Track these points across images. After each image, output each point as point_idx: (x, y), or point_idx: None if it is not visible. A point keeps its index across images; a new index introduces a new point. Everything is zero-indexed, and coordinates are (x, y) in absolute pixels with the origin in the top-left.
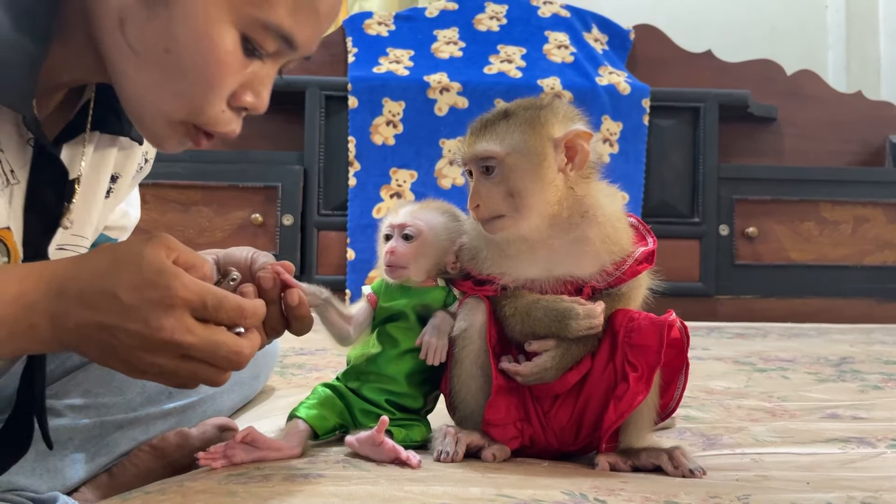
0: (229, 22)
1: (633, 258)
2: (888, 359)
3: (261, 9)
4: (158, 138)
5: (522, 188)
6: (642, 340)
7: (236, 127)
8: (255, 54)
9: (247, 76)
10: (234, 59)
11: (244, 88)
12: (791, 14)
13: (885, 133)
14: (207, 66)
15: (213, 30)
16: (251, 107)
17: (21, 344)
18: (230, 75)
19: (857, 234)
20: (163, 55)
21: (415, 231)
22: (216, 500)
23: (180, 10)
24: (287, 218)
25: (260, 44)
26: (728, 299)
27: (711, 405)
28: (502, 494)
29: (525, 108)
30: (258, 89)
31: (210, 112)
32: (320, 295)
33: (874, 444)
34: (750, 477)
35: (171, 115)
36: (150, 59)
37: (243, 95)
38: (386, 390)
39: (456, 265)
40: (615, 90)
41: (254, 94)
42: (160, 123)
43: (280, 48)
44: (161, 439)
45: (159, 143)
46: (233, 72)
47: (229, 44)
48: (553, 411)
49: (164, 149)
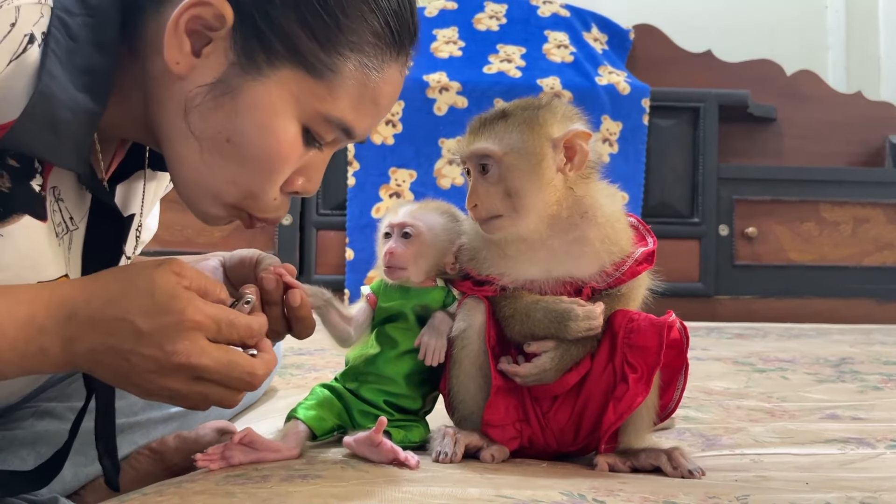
0: (293, 115)
1: (633, 258)
2: (888, 359)
3: (325, 103)
4: (208, 217)
5: (520, 188)
6: (642, 341)
7: (284, 212)
8: (314, 144)
9: (303, 164)
10: (294, 152)
11: (298, 174)
12: (791, 14)
13: (884, 133)
14: (268, 159)
15: (276, 123)
16: (303, 191)
17: (31, 365)
18: (289, 165)
19: (857, 235)
20: (224, 144)
21: (414, 231)
22: (214, 500)
23: (245, 103)
24: (286, 217)
25: (321, 135)
26: (727, 300)
27: (711, 406)
28: (501, 495)
29: (523, 108)
30: (311, 175)
31: (263, 200)
32: (322, 296)
33: (873, 445)
34: (749, 477)
35: (224, 199)
36: (211, 146)
37: (296, 181)
38: (384, 391)
39: (455, 266)
40: (615, 90)
41: (307, 179)
42: (212, 205)
43: (339, 137)
44: (160, 443)
45: (206, 220)
46: (292, 162)
47: (291, 137)
48: (552, 412)
49: (211, 224)
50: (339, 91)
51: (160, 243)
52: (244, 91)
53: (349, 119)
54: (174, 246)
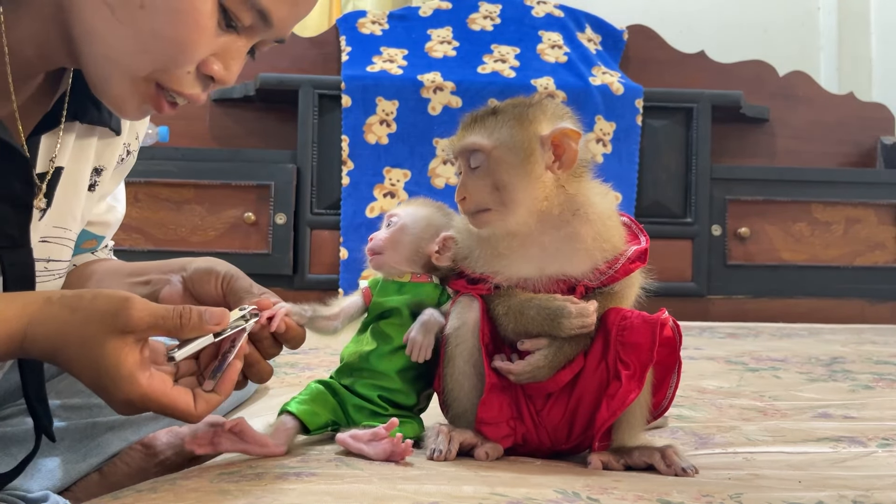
0: None
1: (626, 256)
2: (879, 359)
3: None
4: (120, 100)
5: (508, 182)
6: (634, 338)
7: (200, 93)
8: (231, 25)
9: (219, 46)
10: (209, 25)
11: (214, 58)
12: (783, 15)
13: (876, 134)
14: (181, 26)
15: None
16: (218, 77)
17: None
18: (202, 39)
19: (849, 235)
20: (137, 11)
21: (397, 220)
22: (208, 497)
23: None
24: (280, 217)
25: (237, 15)
26: (720, 299)
27: (703, 404)
28: (495, 493)
29: (514, 106)
30: (228, 61)
31: (176, 71)
32: (305, 314)
33: (865, 444)
34: (742, 476)
35: (136, 70)
36: (124, 14)
37: (213, 64)
38: (379, 386)
39: (440, 257)
40: (608, 90)
41: (223, 65)
42: (123, 82)
43: (255, 23)
44: (152, 438)
45: (120, 105)
46: (205, 37)
47: (207, 8)
48: (546, 410)
49: (125, 114)
50: None
51: (155, 242)
52: None
53: (265, 1)
54: (168, 245)
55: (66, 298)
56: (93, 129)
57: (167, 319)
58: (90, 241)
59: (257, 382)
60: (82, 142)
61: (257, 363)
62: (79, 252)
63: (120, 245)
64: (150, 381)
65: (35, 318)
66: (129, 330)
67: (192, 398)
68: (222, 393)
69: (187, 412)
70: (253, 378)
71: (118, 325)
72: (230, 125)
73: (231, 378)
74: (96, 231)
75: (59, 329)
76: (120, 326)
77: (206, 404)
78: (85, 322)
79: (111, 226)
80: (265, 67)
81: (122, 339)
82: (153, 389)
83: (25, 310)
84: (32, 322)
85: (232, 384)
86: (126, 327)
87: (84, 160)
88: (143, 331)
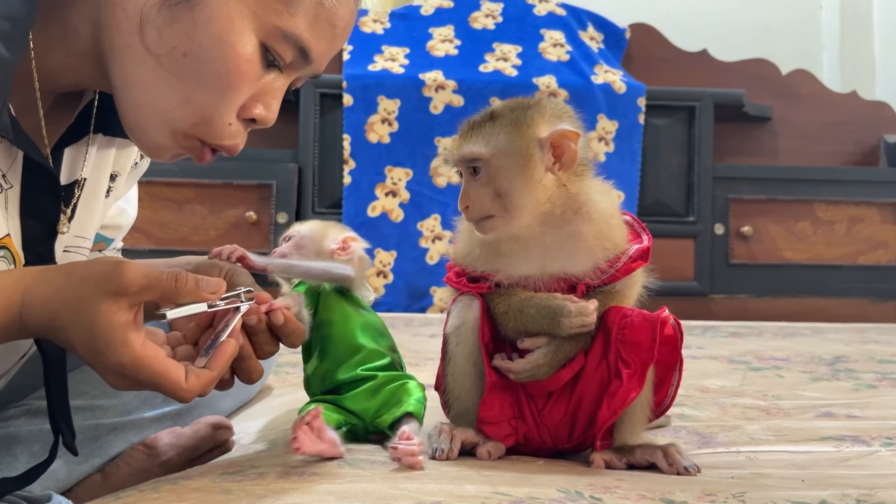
0: (250, 29)
1: (628, 255)
2: (882, 358)
3: (282, 18)
4: (157, 149)
5: (509, 189)
6: (635, 337)
7: (241, 142)
8: (273, 65)
9: (259, 88)
10: (253, 68)
11: (255, 100)
12: (786, 14)
13: (879, 133)
14: (226, 73)
15: (234, 36)
16: (260, 119)
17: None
18: (246, 84)
19: (852, 234)
20: (180, 59)
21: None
22: (211, 497)
23: (204, 15)
24: (281, 216)
25: (279, 53)
26: (723, 298)
27: (706, 404)
28: (498, 492)
29: (512, 109)
30: (269, 101)
31: (219, 122)
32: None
33: (868, 443)
34: (745, 475)
35: (178, 123)
36: (167, 62)
37: (254, 108)
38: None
39: (343, 253)
40: (611, 89)
41: (264, 106)
42: (163, 133)
43: (296, 60)
44: (154, 438)
45: (157, 153)
46: (249, 81)
47: (249, 51)
48: (547, 409)
49: (158, 159)
50: (295, 6)
51: (156, 242)
52: (202, 3)
53: (305, 37)
54: (170, 244)
55: (62, 266)
56: (113, 139)
57: (161, 282)
58: (100, 243)
59: (245, 381)
60: (103, 152)
61: (249, 358)
62: None
63: None
64: (144, 346)
65: (31, 285)
66: (122, 292)
67: (185, 373)
68: (214, 369)
69: (177, 384)
70: (241, 376)
71: (111, 287)
72: None
73: (224, 355)
74: (108, 234)
75: (54, 293)
76: (113, 288)
77: (198, 380)
78: (80, 284)
79: (122, 228)
80: None
81: (115, 300)
82: (146, 354)
83: (23, 279)
84: (29, 288)
85: (225, 362)
86: (119, 289)
87: (104, 169)
88: (136, 293)
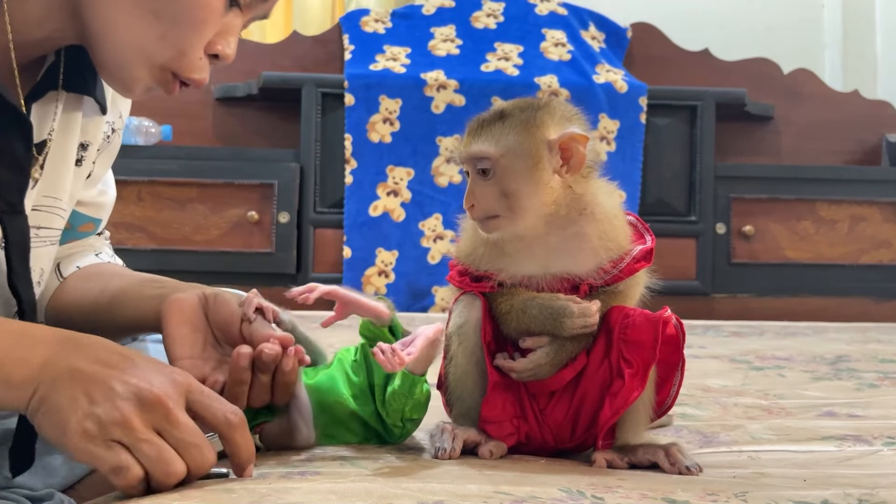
0: None
1: (631, 256)
2: (884, 357)
3: None
4: (132, 82)
5: (516, 189)
6: (637, 336)
7: (207, 75)
8: (234, 3)
9: (222, 25)
10: (220, 4)
11: (218, 37)
12: (788, 12)
13: (881, 132)
14: (199, 9)
15: None
16: (223, 55)
17: None
18: (215, 19)
19: (854, 233)
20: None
21: None
22: (213, 496)
23: None
24: (283, 215)
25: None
26: (724, 298)
27: (708, 403)
28: (500, 491)
29: (522, 109)
30: (229, 39)
31: (191, 56)
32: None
33: (871, 442)
34: (747, 474)
35: (155, 58)
36: (144, 2)
37: (217, 44)
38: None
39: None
40: (612, 88)
41: (226, 43)
42: (140, 68)
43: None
44: None
45: (131, 87)
46: (217, 17)
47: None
48: (549, 408)
49: (132, 94)
50: None
51: (158, 241)
52: None
53: None
54: (171, 244)
55: None
56: (78, 103)
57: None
58: (87, 224)
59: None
60: (68, 115)
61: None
62: (77, 236)
63: (123, 244)
64: None
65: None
66: None
67: None
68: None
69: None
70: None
71: None
72: (233, 124)
73: None
74: (91, 213)
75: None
76: None
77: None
78: None
79: (105, 207)
80: (268, 66)
81: None
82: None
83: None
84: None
85: None
86: None
87: (70, 132)
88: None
